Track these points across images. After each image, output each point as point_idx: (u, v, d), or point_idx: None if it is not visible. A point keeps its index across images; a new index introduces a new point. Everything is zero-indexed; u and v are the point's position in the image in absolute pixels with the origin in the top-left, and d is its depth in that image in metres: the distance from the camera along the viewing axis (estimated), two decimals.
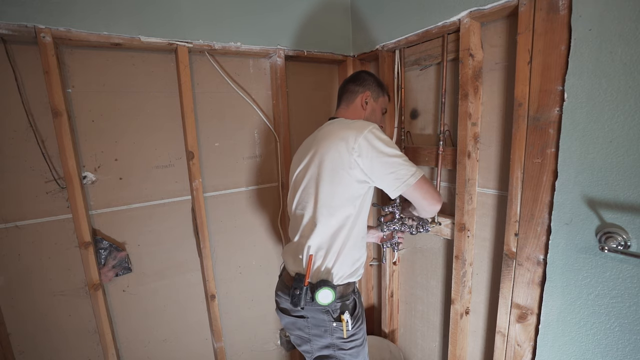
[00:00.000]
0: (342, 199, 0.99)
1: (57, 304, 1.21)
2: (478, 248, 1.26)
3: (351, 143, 0.95)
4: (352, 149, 0.95)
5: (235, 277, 1.58)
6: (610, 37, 0.77)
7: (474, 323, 1.32)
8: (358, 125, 0.99)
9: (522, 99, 0.97)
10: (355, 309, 1.05)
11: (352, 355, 1.03)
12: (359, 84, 1.17)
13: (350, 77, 1.21)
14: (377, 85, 1.19)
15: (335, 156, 0.97)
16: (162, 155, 1.34)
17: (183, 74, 1.27)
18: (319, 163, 1.01)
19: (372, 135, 0.96)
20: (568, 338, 0.95)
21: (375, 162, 0.95)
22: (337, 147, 0.97)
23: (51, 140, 1.13)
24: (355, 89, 1.16)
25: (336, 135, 1.00)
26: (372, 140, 0.95)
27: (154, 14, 1.18)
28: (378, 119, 1.20)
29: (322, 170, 1.00)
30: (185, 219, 1.42)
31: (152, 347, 1.42)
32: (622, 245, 0.79)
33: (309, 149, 1.07)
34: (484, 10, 1.04)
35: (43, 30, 1.02)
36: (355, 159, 0.95)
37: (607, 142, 0.81)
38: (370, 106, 1.16)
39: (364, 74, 1.20)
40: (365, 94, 1.15)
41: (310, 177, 1.03)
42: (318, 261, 1.01)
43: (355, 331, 1.03)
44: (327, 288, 0.96)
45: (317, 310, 1.01)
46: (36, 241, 1.16)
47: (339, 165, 0.97)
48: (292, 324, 1.09)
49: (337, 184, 0.98)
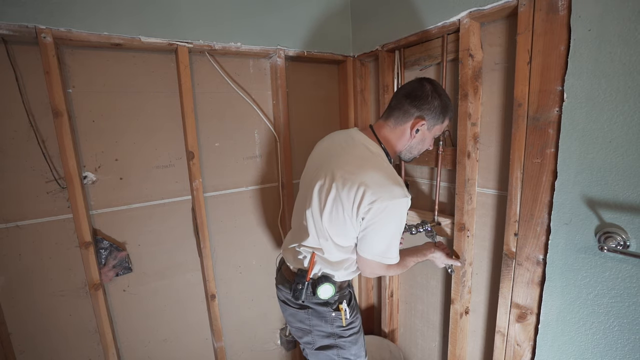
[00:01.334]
0: (349, 239, 0.98)
1: (58, 303, 1.21)
2: (478, 248, 1.26)
3: (367, 201, 0.87)
4: (365, 208, 0.88)
5: (235, 277, 1.58)
6: (609, 38, 0.78)
7: (474, 323, 1.32)
8: (388, 190, 0.87)
9: (522, 99, 0.97)
10: (351, 299, 1.10)
11: (351, 342, 1.08)
12: (417, 105, 0.95)
13: (409, 90, 0.98)
14: (440, 109, 0.97)
15: (347, 207, 0.91)
16: (162, 155, 1.34)
17: (183, 74, 1.27)
18: (333, 202, 0.93)
19: (395, 208, 0.88)
20: (567, 338, 0.95)
21: (375, 225, 0.91)
22: (353, 202, 0.89)
23: (52, 140, 1.13)
24: (410, 110, 0.96)
25: (358, 188, 0.88)
26: (390, 213, 0.88)
27: (155, 15, 1.18)
28: (426, 147, 1.05)
29: (334, 208, 0.93)
30: (186, 219, 1.42)
31: (153, 347, 1.42)
32: (622, 245, 0.79)
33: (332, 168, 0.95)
34: (483, 11, 1.04)
35: (44, 30, 1.02)
36: (364, 216, 0.90)
37: (606, 142, 0.81)
38: (420, 135, 0.99)
39: (428, 89, 0.96)
40: (418, 122, 0.96)
41: (323, 206, 0.95)
42: (319, 265, 1.03)
43: (353, 319, 1.08)
44: (327, 284, 1.00)
45: (317, 303, 1.05)
46: (37, 241, 1.16)
47: (349, 217, 0.92)
48: (293, 315, 1.11)
49: (342, 225, 0.95)
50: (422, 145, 1.03)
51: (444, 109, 0.98)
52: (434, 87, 0.97)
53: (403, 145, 1.01)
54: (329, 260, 1.01)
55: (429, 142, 1.04)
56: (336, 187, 0.91)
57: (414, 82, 1.00)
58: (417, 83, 0.98)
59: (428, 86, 0.97)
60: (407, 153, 1.05)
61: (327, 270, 1.03)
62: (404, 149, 1.03)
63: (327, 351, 1.07)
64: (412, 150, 1.04)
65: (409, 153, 1.05)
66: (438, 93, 0.97)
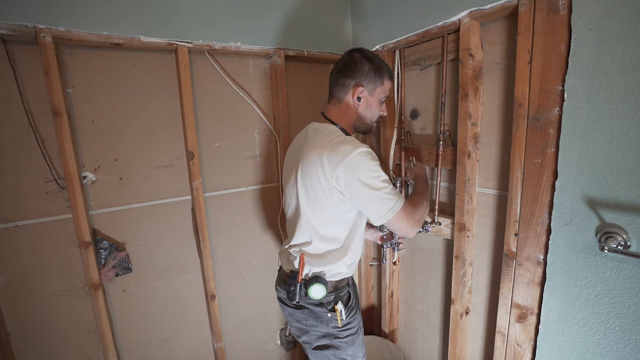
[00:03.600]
0: (334, 225, 1.00)
1: (57, 304, 1.21)
2: (478, 248, 1.26)
3: (329, 172, 0.91)
4: (332, 177, 0.92)
5: (235, 277, 1.58)
6: (610, 37, 0.77)
7: (474, 323, 1.32)
8: (341, 150, 0.91)
9: (522, 99, 0.97)
10: (349, 300, 1.08)
11: (347, 343, 1.07)
12: (350, 74, 1.00)
13: (340, 65, 1.03)
14: (374, 72, 1.00)
15: (316, 184, 0.95)
16: (162, 155, 1.34)
17: (183, 74, 1.27)
18: (304, 185, 0.98)
19: (354, 163, 0.90)
20: (568, 338, 0.95)
21: (355, 192, 0.92)
22: (317, 173, 0.93)
23: (51, 140, 1.13)
24: (345, 82, 1.01)
25: (317, 157, 0.93)
26: (354, 171, 0.90)
27: (154, 14, 1.18)
28: (375, 113, 1.07)
29: (308, 193, 0.98)
30: (186, 219, 1.42)
31: (152, 347, 1.42)
32: (622, 245, 0.79)
33: (297, 159, 1.00)
34: (484, 10, 1.04)
35: (43, 30, 1.02)
36: (335, 187, 0.93)
37: (607, 142, 0.81)
38: (364, 102, 1.03)
39: (357, 57, 1.00)
40: (357, 90, 1.00)
41: (300, 195, 1.00)
42: (309, 265, 1.04)
43: (350, 320, 1.06)
44: (318, 284, 1.00)
45: (312, 303, 1.05)
46: (36, 241, 1.16)
47: (322, 194, 0.95)
48: (291, 315, 1.12)
49: (325, 209, 0.98)
50: (370, 112, 1.06)
51: (378, 70, 1.01)
52: (362, 53, 1.01)
53: (352, 117, 1.05)
54: (317, 254, 1.03)
55: (375, 107, 1.06)
56: (302, 167, 0.96)
57: (343, 57, 1.05)
58: (345, 56, 1.04)
59: (356, 54, 1.01)
60: (359, 124, 1.08)
61: (316, 269, 1.03)
62: (356, 121, 1.06)
63: (324, 351, 1.08)
64: (363, 119, 1.07)
65: (361, 124, 1.08)
66: (367, 57, 1.01)
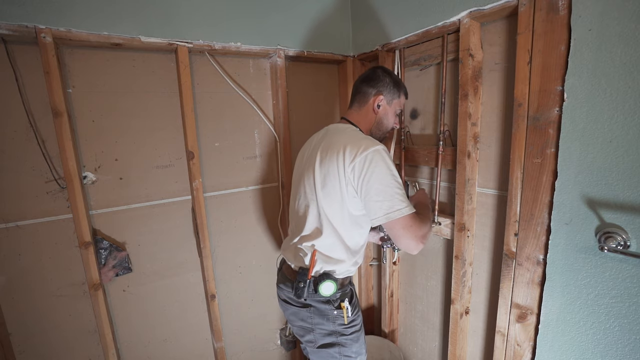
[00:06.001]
0: (346, 219, 1.02)
1: (58, 304, 1.21)
2: (478, 248, 1.26)
3: (348, 160, 0.95)
4: (349, 166, 0.95)
5: (235, 277, 1.58)
6: (610, 38, 0.78)
7: (474, 323, 1.32)
8: (363, 144, 0.96)
9: (522, 99, 0.97)
10: (353, 297, 1.12)
11: (352, 340, 1.08)
12: (373, 85, 1.11)
13: (364, 76, 1.15)
14: (393, 85, 1.12)
15: (333, 172, 0.98)
16: (162, 155, 1.34)
17: (183, 74, 1.27)
18: (321, 172, 1.01)
19: (374, 157, 0.93)
20: (568, 338, 0.95)
21: (367, 184, 0.94)
22: (337, 161, 0.97)
23: (51, 140, 1.13)
24: (368, 90, 1.12)
25: (340, 146, 0.99)
26: (371, 163, 0.93)
27: (154, 14, 1.18)
28: (390, 122, 1.17)
29: (324, 182, 1.00)
30: (186, 219, 1.42)
31: (153, 347, 1.42)
32: (622, 245, 0.79)
33: (315, 150, 1.06)
34: (484, 11, 1.04)
35: (43, 30, 1.02)
36: (350, 178, 0.95)
37: (606, 142, 0.81)
38: (382, 109, 1.13)
39: (379, 72, 1.13)
40: (377, 98, 1.11)
41: (317, 182, 1.02)
42: (320, 262, 1.05)
43: (354, 317, 1.09)
44: (329, 281, 1.02)
45: (319, 301, 1.06)
46: (36, 241, 1.16)
47: (338, 184, 0.98)
48: (294, 314, 1.12)
49: (338, 202, 1.00)
50: (387, 120, 1.15)
51: (397, 84, 1.14)
52: (383, 69, 1.15)
53: (371, 122, 1.14)
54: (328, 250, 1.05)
55: (392, 116, 1.16)
56: (321, 154, 1.02)
57: (367, 71, 1.17)
58: (369, 70, 1.16)
59: (378, 69, 1.14)
60: (376, 130, 1.16)
61: (328, 267, 1.05)
62: (373, 126, 1.15)
63: (329, 349, 1.08)
64: (380, 126, 1.16)
65: (377, 130, 1.16)
66: (387, 73, 1.14)
